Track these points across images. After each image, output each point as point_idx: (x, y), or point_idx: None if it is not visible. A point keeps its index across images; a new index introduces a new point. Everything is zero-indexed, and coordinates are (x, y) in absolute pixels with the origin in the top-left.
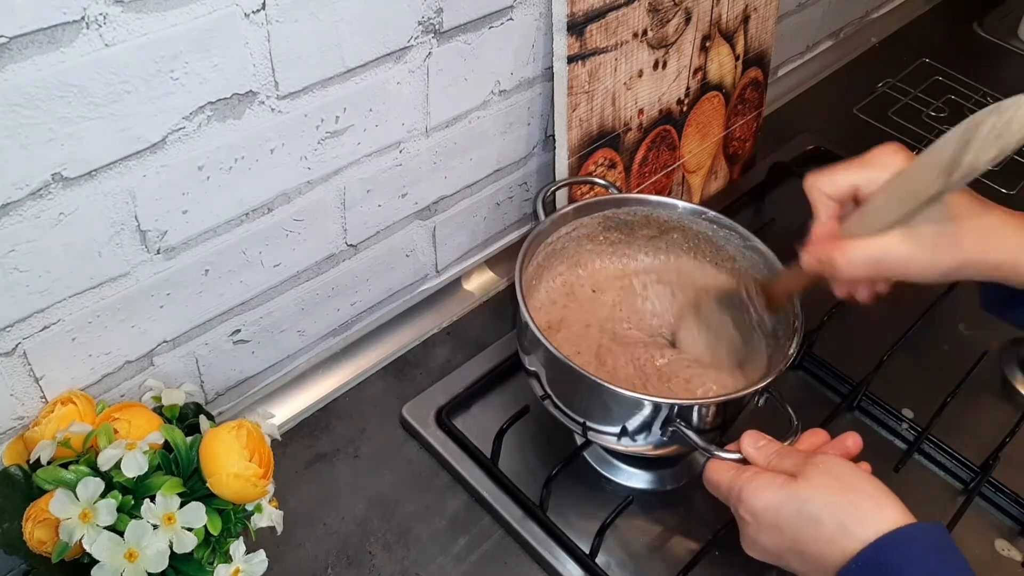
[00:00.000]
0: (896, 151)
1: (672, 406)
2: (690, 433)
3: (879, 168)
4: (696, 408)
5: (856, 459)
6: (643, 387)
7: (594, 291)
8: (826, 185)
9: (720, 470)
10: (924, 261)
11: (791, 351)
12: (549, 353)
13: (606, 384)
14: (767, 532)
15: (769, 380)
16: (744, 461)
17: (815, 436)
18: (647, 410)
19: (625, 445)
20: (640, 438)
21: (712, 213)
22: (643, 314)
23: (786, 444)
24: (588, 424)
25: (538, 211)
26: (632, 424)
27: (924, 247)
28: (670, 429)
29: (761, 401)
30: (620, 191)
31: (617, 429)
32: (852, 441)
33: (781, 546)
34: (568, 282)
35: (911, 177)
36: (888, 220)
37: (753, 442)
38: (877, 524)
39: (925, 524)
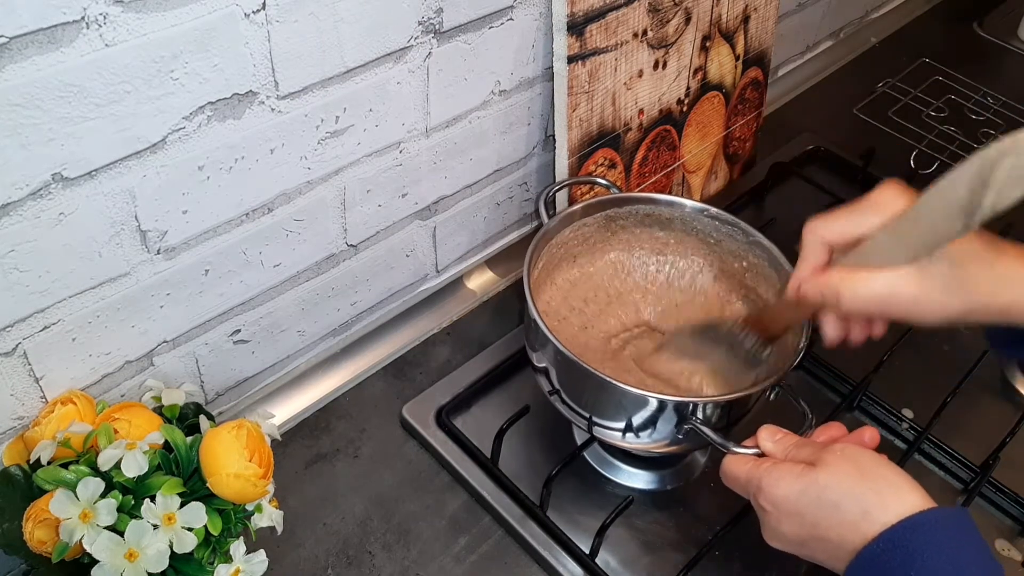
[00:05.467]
0: (899, 194)
1: (688, 404)
2: (706, 430)
3: (884, 214)
4: (712, 405)
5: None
6: (651, 384)
7: (599, 288)
8: (829, 232)
9: (738, 463)
10: (932, 302)
11: (801, 344)
12: (558, 351)
13: (623, 385)
14: (788, 521)
15: (782, 373)
16: (760, 455)
17: (831, 429)
18: (663, 408)
19: (629, 441)
20: (645, 435)
21: (715, 211)
22: (648, 310)
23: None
24: (594, 419)
25: (540, 211)
26: (640, 420)
27: (934, 288)
28: (686, 427)
29: (772, 395)
30: (620, 191)
31: (623, 425)
32: (869, 435)
33: (802, 534)
34: (573, 279)
35: (921, 217)
36: (895, 260)
37: (770, 435)
38: (898, 508)
39: (947, 508)
